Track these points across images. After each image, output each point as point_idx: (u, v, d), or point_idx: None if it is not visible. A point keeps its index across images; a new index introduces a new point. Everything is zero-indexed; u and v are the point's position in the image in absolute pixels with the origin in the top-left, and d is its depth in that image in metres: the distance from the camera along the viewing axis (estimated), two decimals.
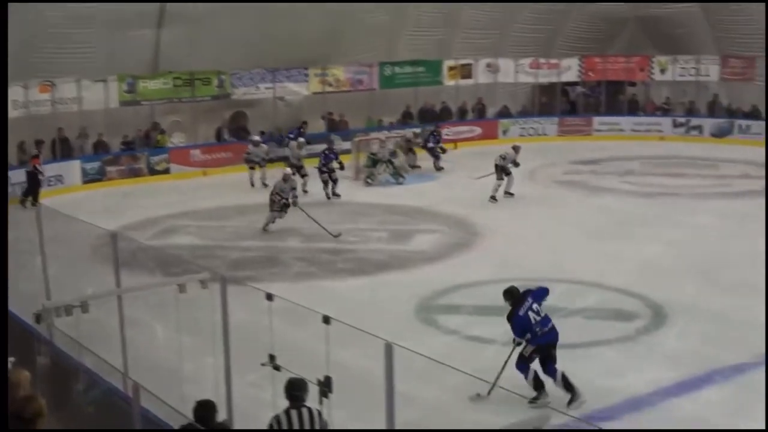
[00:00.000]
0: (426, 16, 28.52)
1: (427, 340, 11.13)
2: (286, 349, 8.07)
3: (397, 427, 6.21)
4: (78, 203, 19.71)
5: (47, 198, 19.25)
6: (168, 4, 23.51)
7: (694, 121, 29.33)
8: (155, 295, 9.84)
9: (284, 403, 6.96)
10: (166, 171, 24.21)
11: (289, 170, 18.59)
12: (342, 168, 21.22)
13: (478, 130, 29.20)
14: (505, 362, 9.64)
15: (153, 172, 24.05)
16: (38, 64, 22.16)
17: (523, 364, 9.57)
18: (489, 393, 9.44)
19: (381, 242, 16.64)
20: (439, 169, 24.25)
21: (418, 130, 26.54)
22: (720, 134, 28.53)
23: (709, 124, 28.99)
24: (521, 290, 9.89)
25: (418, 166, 24.38)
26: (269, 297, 7.75)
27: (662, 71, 30.01)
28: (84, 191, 21.29)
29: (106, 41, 23.00)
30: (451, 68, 29.45)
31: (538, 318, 9.64)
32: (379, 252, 15.95)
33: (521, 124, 30.11)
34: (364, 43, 28.16)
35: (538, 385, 9.54)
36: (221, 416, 7.19)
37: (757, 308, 12.19)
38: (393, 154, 23.40)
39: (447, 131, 27.53)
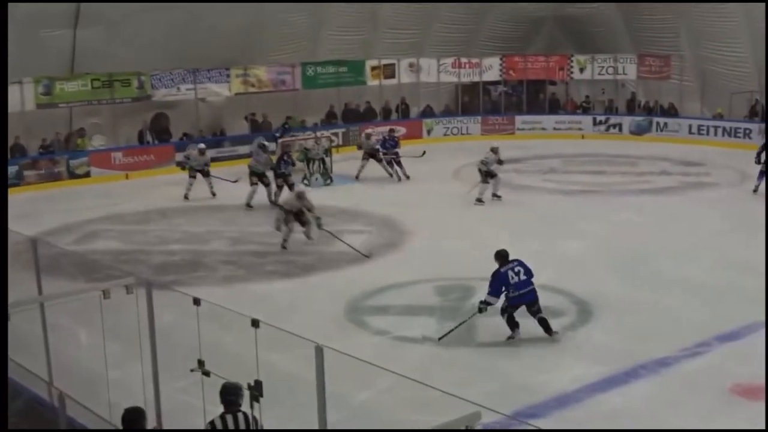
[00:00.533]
0: (347, 16, 28.54)
1: (356, 341, 11.13)
2: (215, 353, 7.98)
3: (329, 428, 6.21)
4: None
5: None
6: (83, 4, 23.08)
7: (614, 119, 29.94)
8: (78, 301, 9.64)
9: (214, 409, 6.90)
10: (87, 174, 23.76)
11: (302, 187, 17.71)
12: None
13: (402, 130, 29.27)
14: (462, 322, 11.28)
15: (73, 175, 23.58)
16: None
17: (503, 312, 11.25)
18: (440, 339, 11.15)
19: (308, 243, 16.57)
20: (407, 177, 22.55)
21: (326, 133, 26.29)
22: (639, 132, 29.17)
23: (627, 122, 29.61)
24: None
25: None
26: (196, 301, 7.66)
27: (581, 70, 30.55)
28: None
29: (21, 42, 22.48)
30: (373, 68, 29.54)
31: (517, 279, 11.12)
32: (307, 254, 15.90)
33: (445, 124, 30.38)
34: (286, 44, 28.09)
35: (513, 325, 11.22)
36: (150, 423, 7.09)
37: (679, 301, 12.50)
38: (326, 152, 23.27)
39: (372, 130, 27.57)
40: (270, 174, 20.01)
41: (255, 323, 7.05)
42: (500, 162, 19.92)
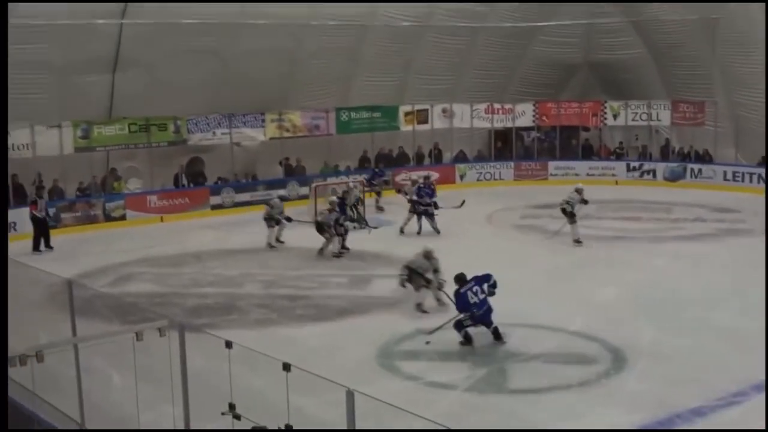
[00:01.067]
0: (381, 61, 28.77)
1: (388, 386, 11.06)
2: (246, 397, 7.99)
3: None
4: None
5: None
6: (122, 49, 23.46)
7: (648, 165, 29.80)
8: (112, 343, 9.69)
9: None
10: (123, 217, 23.99)
11: (430, 246, 15.71)
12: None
13: (435, 175, 29.30)
14: (448, 321, 12.84)
15: (109, 218, 23.81)
16: None
17: (458, 327, 12.69)
18: (427, 343, 12.64)
19: (340, 288, 16.59)
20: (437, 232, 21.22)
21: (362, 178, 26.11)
22: (673, 178, 28.99)
23: (661, 168, 29.45)
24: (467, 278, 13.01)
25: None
26: (228, 344, 7.68)
27: (615, 116, 30.49)
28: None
29: (60, 87, 22.91)
30: (407, 113, 29.68)
31: (476, 299, 12.59)
32: (338, 298, 15.90)
33: (478, 169, 30.39)
34: (321, 89, 28.34)
35: (467, 341, 12.65)
36: None
37: (714, 349, 12.33)
38: (358, 200, 23.26)
39: (405, 176, 27.63)
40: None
41: (286, 367, 7.05)
42: (585, 202, 20.10)
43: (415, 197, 21.64)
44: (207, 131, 25.88)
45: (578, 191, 19.99)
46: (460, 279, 13.09)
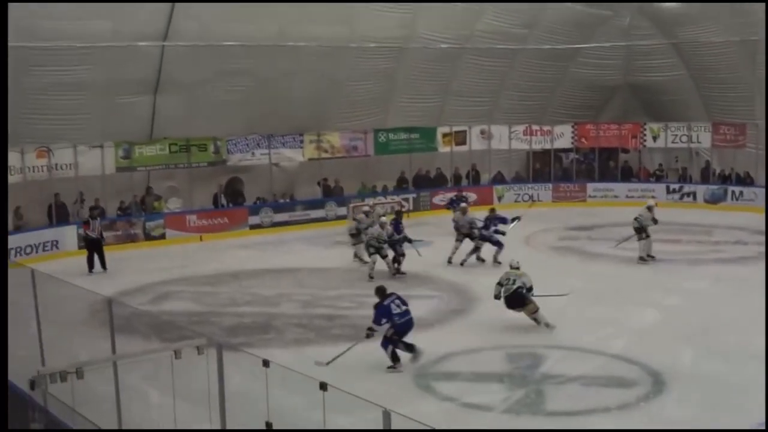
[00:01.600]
0: (420, 83, 28.83)
1: (424, 407, 11.02)
2: (283, 415, 7.98)
3: None
4: (74, 268, 19.70)
5: (43, 263, 19.20)
6: (163, 70, 23.74)
7: (688, 188, 29.52)
8: (150, 361, 9.75)
9: None
10: (162, 236, 24.20)
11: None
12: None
13: (473, 197, 29.33)
14: (352, 345, 12.58)
15: (149, 237, 24.04)
16: (35, 130, 22.38)
17: (386, 342, 12.72)
18: (328, 363, 12.14)
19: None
20: (497, 262, 19.80)
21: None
22: (713, 200, 28.69)
23: (702, 190, 29.16)
24: None
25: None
26: (266, 363, 7.70)
27: (654, 138, 30.26)
28: (80, 256, 21.19)
29: (102, 108, 23.21)
30: (445, 135, 29.68)
31: (399, 310, 12.76)
32: None
33: (516, 190, 30.28)
34: (359, 110, 28.45)
35: (395, 358, 12.70)
36: None
37: (755, 373, 12.12)
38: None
39: (442, 197, 27.54)
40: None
41: (323, 386, 7.05)
42: (654, 221, 20.07)
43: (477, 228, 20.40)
44: (246, 152, 26.07)
45: (649, 209, 20.10)
46: (381, 291, 13.13)
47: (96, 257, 20.51)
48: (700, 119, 29.89)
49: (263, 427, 7.80)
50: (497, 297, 14.84)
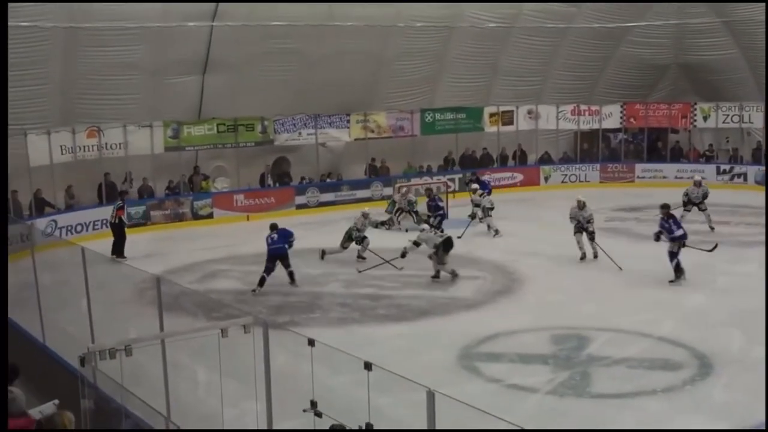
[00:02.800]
0: (467, 63, 28.69)
1: (468, 388, 11.03)
2: (328, 395, 8.05)
3: None
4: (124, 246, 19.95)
5: (93, 241, 19.47)
6: (212, 50, 23.87)
7: (738, 169, 29.08)
8: (198, 339, 9.87)
9: None
10: (210, 216, 24.43)
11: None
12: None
13: (519, 177, 29.18)
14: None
15: (197, 216, 24.28)
16: (85, 109, 22.70)
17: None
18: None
19: (421, 288, 16.60)
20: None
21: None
22: (764, 182, 28.22)
23: (753, 171, 28.69)
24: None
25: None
26: (311, 342, 7.76)
27: (705, 118, 29.80)
28: (129, 235, 21.49)
29: (151, 88, 23.44)
30: (491, 115, 29.52)
31: (270, 241, 16.63)
32: (419, 298, 15.91)
33: (563, 171, 30.07)
34: (406, 90, 28.40)
35: (261, 281, 16.33)
36: None
37: None
38: (412, 204, 23.26)
39: (489, 177, 27.40)
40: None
41: (368, 366, 7.08)
42: (705, 195, 21.51)
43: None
44: (293, 132, 26.17)
45: (696, 183, 21.39)
46: (271, 227, 17.12)
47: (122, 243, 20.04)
48: (752, 99, 29.37)
49: (308, 406, 7.86)
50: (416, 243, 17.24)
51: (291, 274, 16.83)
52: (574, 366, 11.93)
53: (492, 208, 21.87)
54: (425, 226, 19.56)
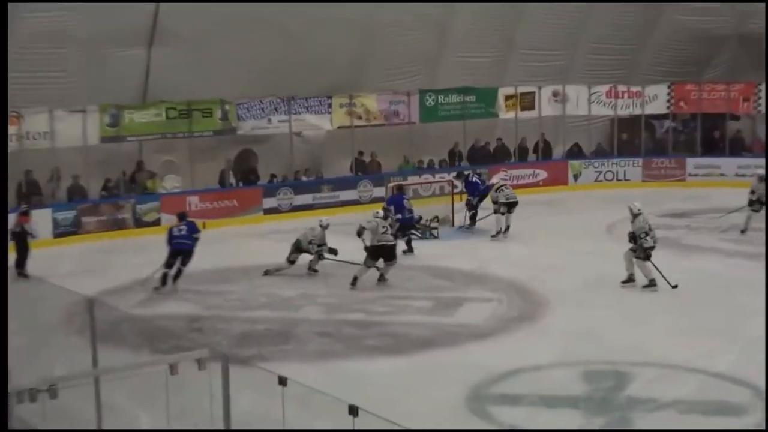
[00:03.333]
0: (477, 35, 28.70)
1: None
2: None
3: None
4: (48, 261, 19.80)
5: (10, 254, 19.35)
6: (161, 18, 23.78)
7: None
8: (141, 376, 9.80)
9: None
10: (157, 222, 24.32)
11: None
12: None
13: (542, 175, 29.22)
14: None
15: (140, 223, 24.20)
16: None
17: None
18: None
19: (421, 313, 16.55)
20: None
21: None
22: None
23: None
24: None
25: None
26: (282, 381, 7.72)
27: None
28: (56, 246, 21.43)
29: (85, 64, 23.31)
30: (508, 97, 29.55)
31: (177, 233, 18.45)
32: (419, 326, 15.84)
33: (596, 167, 30.11)
34: (402, 68, 28.38)
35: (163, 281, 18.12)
36: None
37: None
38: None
39: (504, 175, 27.38)
40: None
41: (353, 410, 7.05)
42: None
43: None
44: (261, 118, 26.14)
45: (760, 178, 21.35)
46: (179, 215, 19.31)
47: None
48: None
49: None
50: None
51: (179, 272, 18.25)
52: (612, 410, 11.88)
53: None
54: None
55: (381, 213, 19.00)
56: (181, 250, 18.01)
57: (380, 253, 18.09)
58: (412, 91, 28.28)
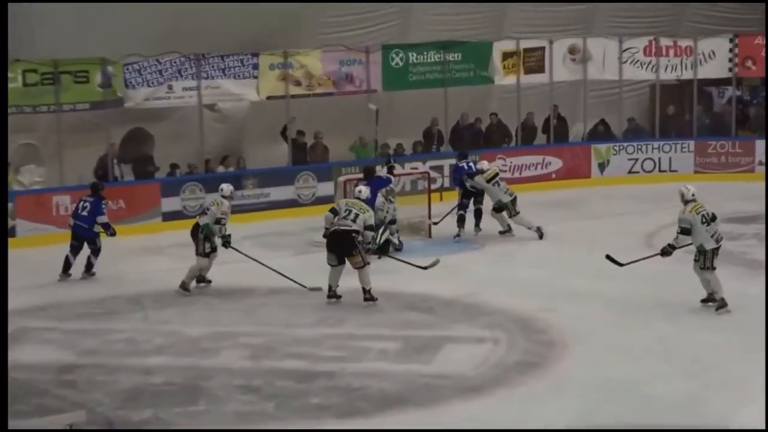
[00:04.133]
0: None
1: None
2: None
3: None
4: None
5: None
6: None
7: None
8: None
9: None
10: (11, 232, 24.18)
11: None
12: None
13: (556, 164, 29.32)
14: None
15: None
16: None
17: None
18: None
19: (386, 359, 16.56)
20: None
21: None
22: None
23: None
24: None
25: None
26: None
27: None
28: None
29: None
30: (506, 55, 29.58)
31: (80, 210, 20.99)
32: (384, 376, 15.83)
33: (630, 153, 30.24)
34: (357, 15, 28.43)
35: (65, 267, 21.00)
36: None
37: None
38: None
39: (502, 164, 27.49)
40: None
41: None
42: None
43: None
44: (158, 85, 26.04)
45: None
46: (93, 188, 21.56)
47: None
48: None
49: None
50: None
51: (89, 264, 21.21)
52: None
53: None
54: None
55: (363, 191, 19.37)
56: (81, 236, 20.14)
57: (333, 246, 18.26)
58: (372, 46, 28.31)
